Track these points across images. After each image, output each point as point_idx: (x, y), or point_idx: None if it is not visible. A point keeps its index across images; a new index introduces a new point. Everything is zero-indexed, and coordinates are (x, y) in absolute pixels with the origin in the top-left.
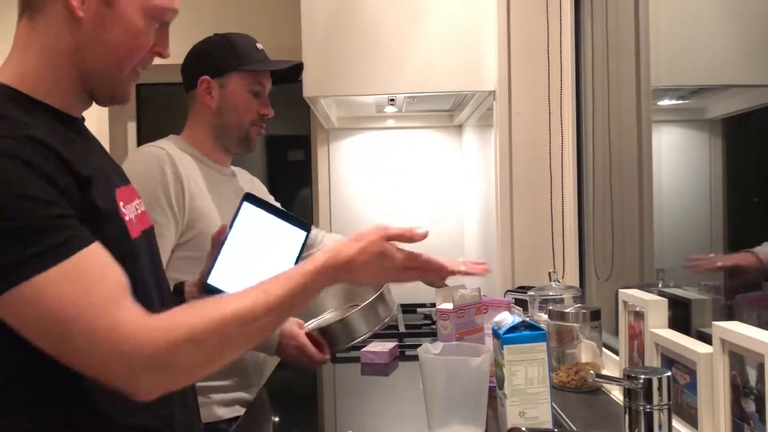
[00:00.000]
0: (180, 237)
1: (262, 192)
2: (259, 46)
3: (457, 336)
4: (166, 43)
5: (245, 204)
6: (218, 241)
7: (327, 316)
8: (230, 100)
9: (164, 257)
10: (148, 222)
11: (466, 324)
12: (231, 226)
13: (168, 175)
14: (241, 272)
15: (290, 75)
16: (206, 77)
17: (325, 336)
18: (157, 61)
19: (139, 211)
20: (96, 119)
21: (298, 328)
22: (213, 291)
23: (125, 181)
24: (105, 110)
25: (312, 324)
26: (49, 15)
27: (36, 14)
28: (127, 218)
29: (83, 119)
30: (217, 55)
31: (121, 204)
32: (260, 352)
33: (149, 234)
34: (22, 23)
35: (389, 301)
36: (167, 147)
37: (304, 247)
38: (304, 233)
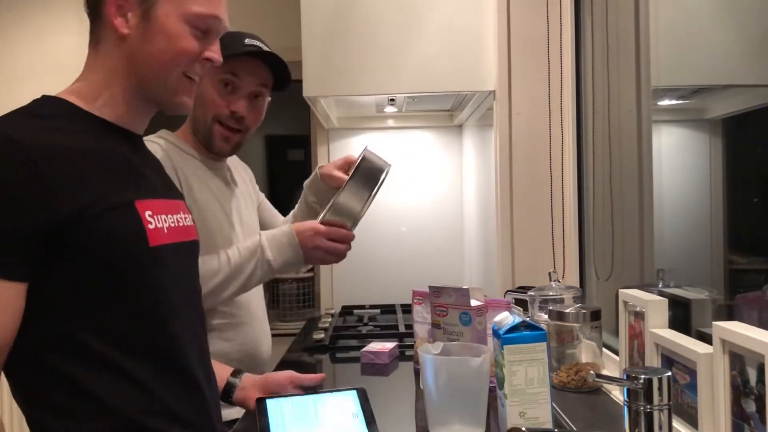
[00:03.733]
0: None
1: (249, 183)
2: (250, 41)
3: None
4: (216, 50)
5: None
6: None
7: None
8: (200, 91)
9: None
10: (191, 236)
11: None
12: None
13: (165, 167)
14: None
15: (283, 81)
16: None
17: (339, 214)
18: None
19: (180, 224)
20: None
21: (312, 224)
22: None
23: (170, 194)
24: None
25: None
26: (105, 41)
27: (97, 45)
28: (151, 226)
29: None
30: None
31: (147, 213)
32: (257, 354)
33: (186, 247)
34: (89, 52)
35: (376, 158)
36: (159, 141)
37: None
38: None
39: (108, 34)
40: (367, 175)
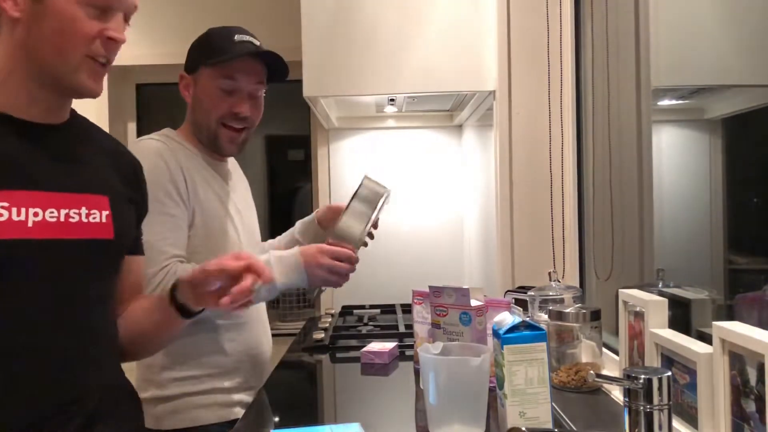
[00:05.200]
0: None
1: (245, 192)
2: (240, 37)
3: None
4: (119, 28)
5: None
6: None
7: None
8: (199, 97)
9: (183, 249)
10: (92, 234)
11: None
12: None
13: (171, 166)
14: None
15: (279, 73)
16: (183, 73)
17: (340, 239)
18: (157, 60)
19: (70, 220)
20: (95, 119)
21: (317, 244)
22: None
23: (70, 187)
24: (105, 110)
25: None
26: (2, 29)
27: None
28: (1, 218)
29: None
30: (193, 50)
31: (5, 203)
32: (258, 354)
33: (71, 245)
34: None
35: (375, 184)
36: (163, 139)
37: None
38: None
39: (2, 22)
40: (366, 199)
